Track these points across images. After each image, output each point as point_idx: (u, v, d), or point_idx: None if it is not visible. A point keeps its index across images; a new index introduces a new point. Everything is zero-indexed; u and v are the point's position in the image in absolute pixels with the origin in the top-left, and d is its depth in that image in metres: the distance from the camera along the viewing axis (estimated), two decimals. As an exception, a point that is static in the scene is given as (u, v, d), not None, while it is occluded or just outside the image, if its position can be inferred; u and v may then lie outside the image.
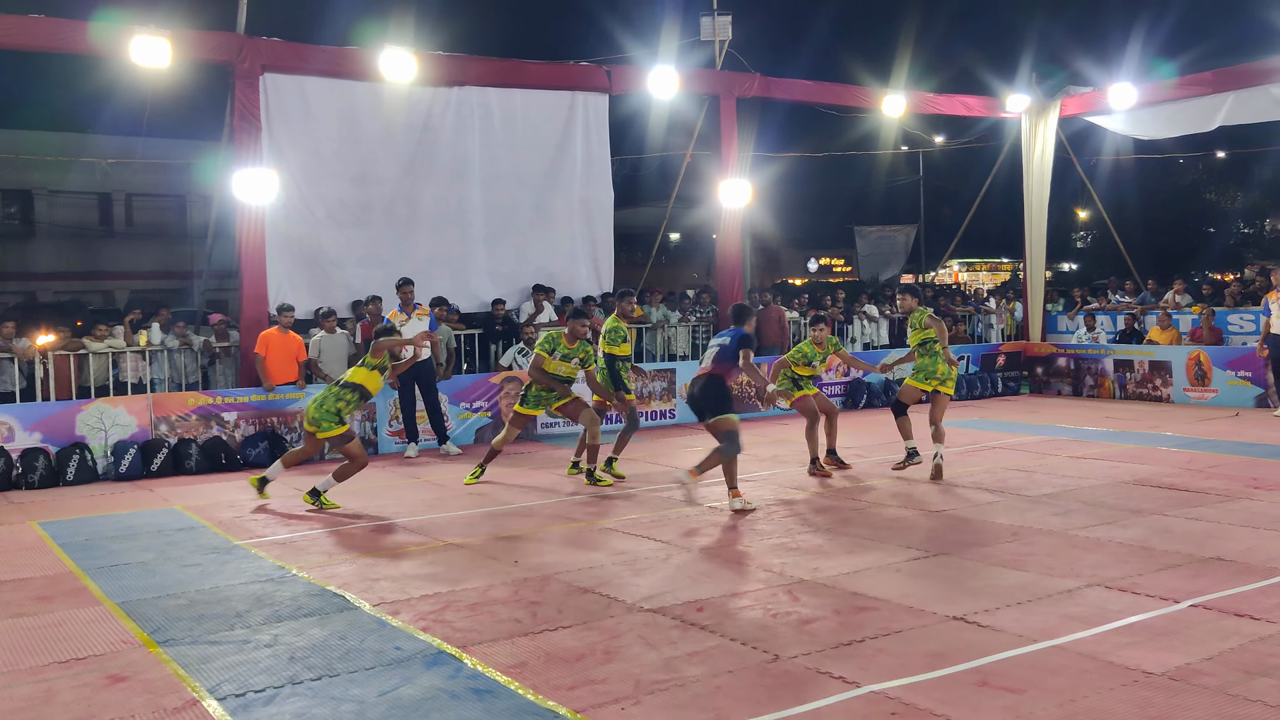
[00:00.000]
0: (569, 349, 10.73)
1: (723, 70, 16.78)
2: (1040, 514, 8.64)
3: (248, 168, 13.36)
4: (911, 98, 18.38)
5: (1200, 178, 48.08)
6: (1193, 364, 16.31)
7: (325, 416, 9.70)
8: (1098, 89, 18.83)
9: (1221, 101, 17.12)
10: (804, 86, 17.84)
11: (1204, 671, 5.02)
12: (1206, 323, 16.90)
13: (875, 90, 18.28)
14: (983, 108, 19.49)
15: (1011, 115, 19.41)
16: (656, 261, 19.67)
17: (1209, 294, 19.05)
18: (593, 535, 8.45)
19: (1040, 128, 19.20)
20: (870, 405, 16.99)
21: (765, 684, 5.07)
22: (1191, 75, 17.65)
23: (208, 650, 5.84)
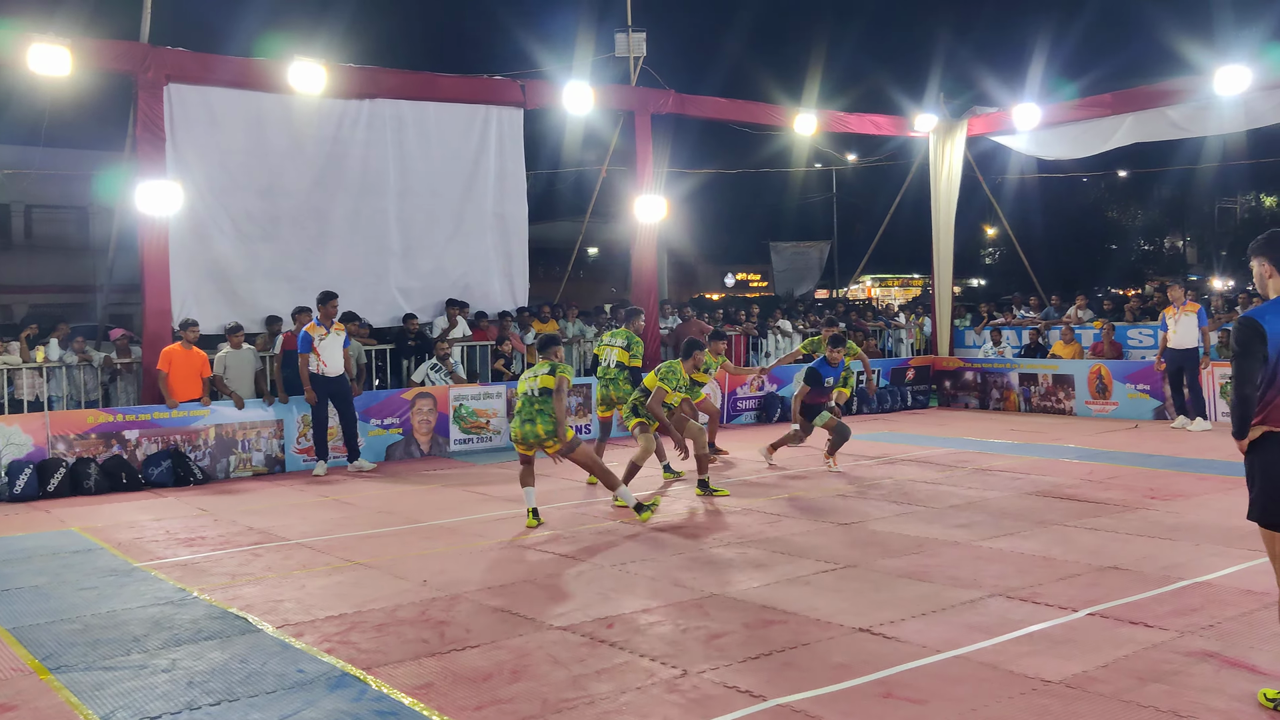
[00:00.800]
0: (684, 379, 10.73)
1: (638, 86, 16.86)
2: (946, 525, 8.79)
3: (151, 179, 13.05)
4: (823, 116, 18.66)
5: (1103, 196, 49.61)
6: (1094, 378, 16.76)
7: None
8: (1003, 109, 19.31)
9: (1120, 122, 17.67)
10: (718, 104, 18.01)
11: (1099, 679, 5.15)
12: (1107, 337, 17.39)
13: (788, 108, 18.53)
14: (892, 127, 19.85)
15: (920, 135, 19.81)
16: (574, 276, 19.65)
17: (1110, 309, 19.61)
18: (503, 553, 8.38)
19: (947, 147, 19.62)
20: (785, 419, 17.13)
21: (673, 699, 5.07)
22: (1092, 97, 18.19)
23: (102, 676, 5.66)
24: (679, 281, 43.26)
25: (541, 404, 9.28)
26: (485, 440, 14.63)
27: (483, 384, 14.87)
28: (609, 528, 9.22)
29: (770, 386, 17.39)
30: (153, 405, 12.61)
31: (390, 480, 12.35)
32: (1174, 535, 8.17)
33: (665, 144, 18.95)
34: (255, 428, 13.01)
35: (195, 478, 12.31)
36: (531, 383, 9.43)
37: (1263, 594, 6.43)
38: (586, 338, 17.25)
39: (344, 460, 13.17)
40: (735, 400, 17.10)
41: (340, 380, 12.83)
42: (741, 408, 17.18)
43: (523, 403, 9.41)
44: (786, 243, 43.66)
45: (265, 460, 13.08)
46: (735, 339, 18.29)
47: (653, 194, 17.07)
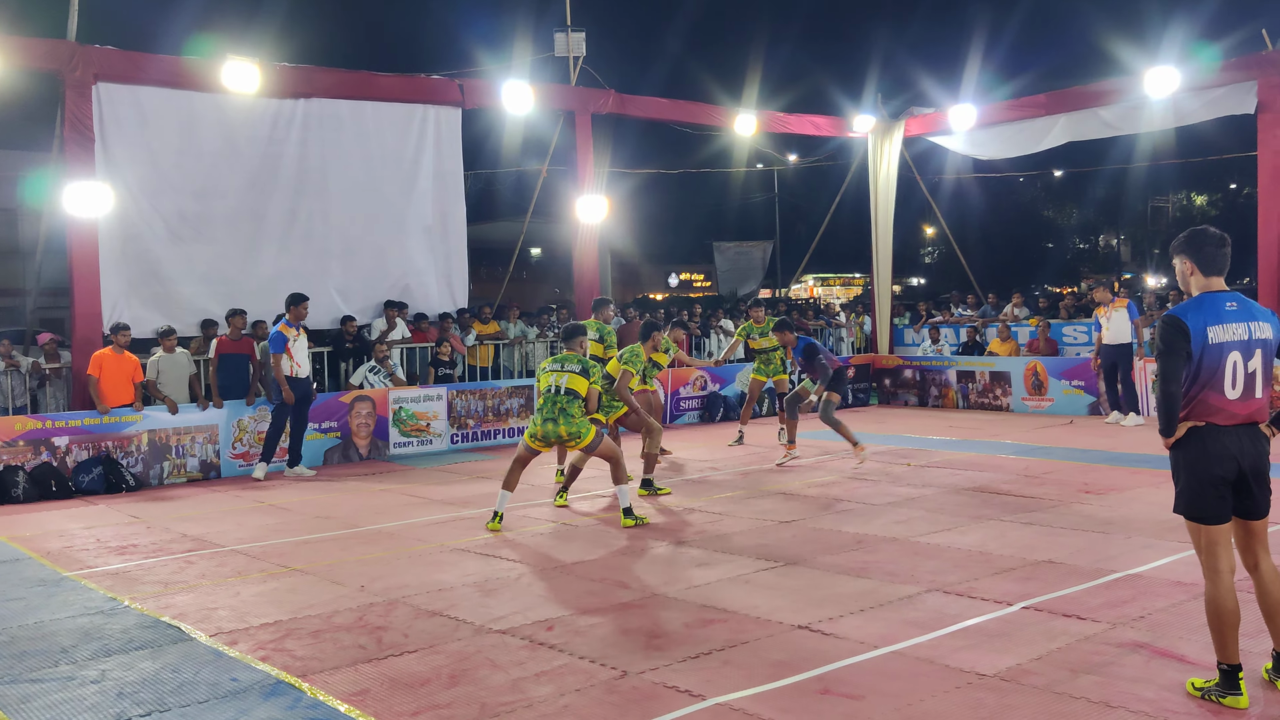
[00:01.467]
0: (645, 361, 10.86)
1: (577, 86, 16.83)
2: (884, 522, 8.86)
3: (79, 180, 12.79)
4: (763, 117, 18.75)
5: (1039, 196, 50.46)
6: (1030, 374, 17.01)
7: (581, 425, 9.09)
8: (940, 110, 19.54)
9: (1054, 122, 17.95)
10: (658, 104, 18.03)
11: (1033, 671, 5.21)
12: (1043, 334, 17.66)
13: (728, 109, 18.59)
14: (831, 127, 20.01)
15: (858, 135, 19.98)
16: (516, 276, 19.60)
17: (1045, 307, 19.92)
18: (443, 557, 8.31)
19: (885, 147, 19.81)
20: (727, 418, 17.19)
21: (612, 700, 5.05)
22: (1027, 97, 18.46)
23: (28, 689, 5.51)
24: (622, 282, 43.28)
25: (565, 403, 9.04)
26: (426, 443, 14.50)
27: (422, 386, 14.73)
28: (550, 530, 9.18)
29: (713, 386, 17.43)
30: (83, 411, 12.34)
31: (328, 485, 12.20)
32: (1107, 529, 8.30)
33: (606, 144, 18.94)
34: (189, 433, 12.78)
35: (128, 484, 12.07)
36: (558, 378, 9.14)
37: (1191, 585, 6.55)
38: (528, 339, 17.18)
39: (282, 465, 12.98)
40: (678, 400, 17.12)
41: (308, 382, 12.74)
42: (685, 407, 17.20)
43: (545, 400, 9.15)
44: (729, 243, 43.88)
45: (200, 466, 12.86)
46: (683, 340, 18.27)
47: (594, 194, 17.05)
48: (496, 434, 15.18)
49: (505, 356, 16.76)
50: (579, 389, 9.12)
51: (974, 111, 18.54)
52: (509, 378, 16.36)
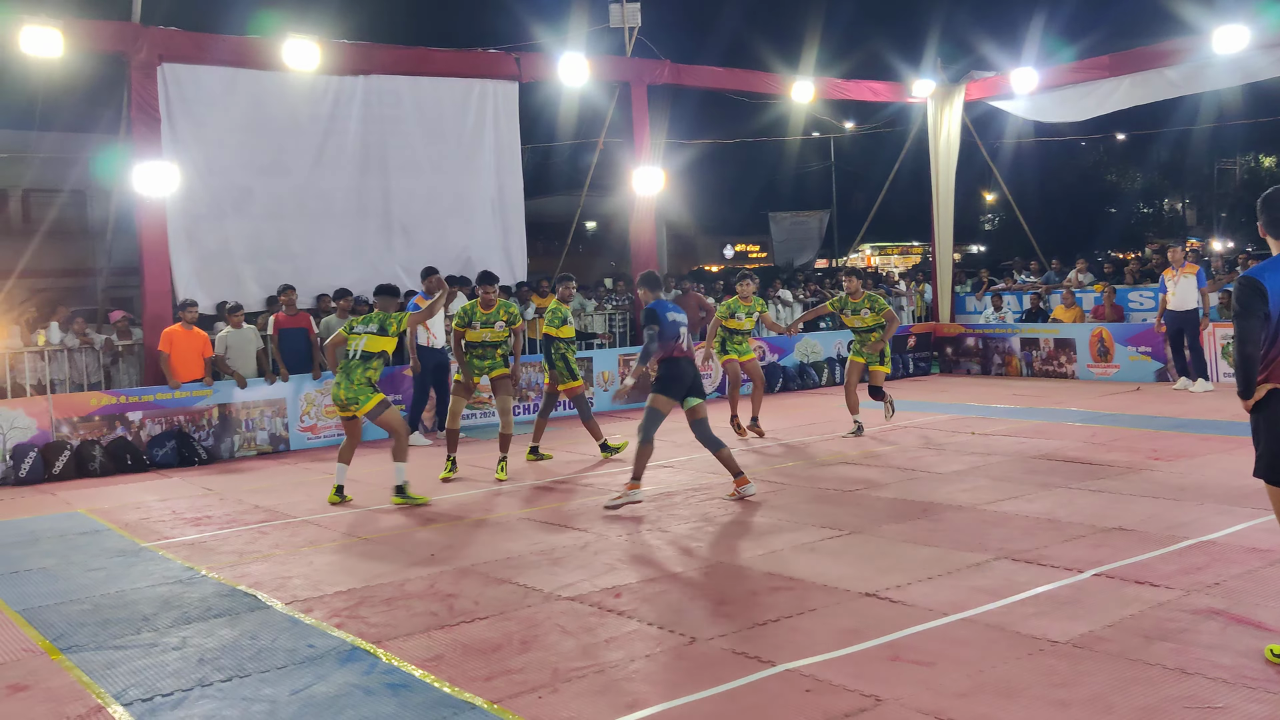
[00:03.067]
0: (486, 314, 10.60)
1: (633, 58, 16.77)
2: (950, 490, 8.81)
3: (147, 161, 13.01)
4: (820, 84, 18.56)
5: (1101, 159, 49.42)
6: (1095, 341, 16.75)
7: (361, 390, 9.30)
8: (1000, 73, 19.20)
9: (1118, 84, 17.57)
10: (714, 73, 17.92)
11: (1106, 638, 5.17)
12: (1108, 300, 17.37)
13: (785, 76, 18.43)
14: (889, 93, 19.75)
15: (918, 100, 19.71)
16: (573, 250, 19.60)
17: (1110, 272, 19.58)
18: (510, 526, 8.40)
19: (945, 112, 19.53)
20: (786, 389, 17.15)
21: (682, 666, 5.09)
22: (1090, 59, 18.08)
23: (113, 655, 5.69)
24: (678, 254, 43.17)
25: (355, 366, 9.33)
26: (488, 415, 14.63)
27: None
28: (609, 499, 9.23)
29: (771, 356, 17.38)
30: (155, 386, 12.61)
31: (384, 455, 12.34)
32: (1178, 495, 8.19)
33: (662, 115, 18.86)
34: (258, 407, 13.02)
35: (200, 458, 12.34)
36: (355, 341, 9.46)
37: (1268, 551, 6.45)
38: (586, 311, 17.24)
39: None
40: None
41: (443, 352, 13.11)
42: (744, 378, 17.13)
43: (343, 363, 9.45)
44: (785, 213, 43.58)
45: (269, 439, 13.10)
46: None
47: (650, 166, 17.01)
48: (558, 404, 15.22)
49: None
50: (374, 348, 9.33)
51: (1036, 75, 18.20)
52: (568, 350, 16.40)
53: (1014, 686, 4.66)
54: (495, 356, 10.70)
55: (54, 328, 13.41)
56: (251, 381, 13.01)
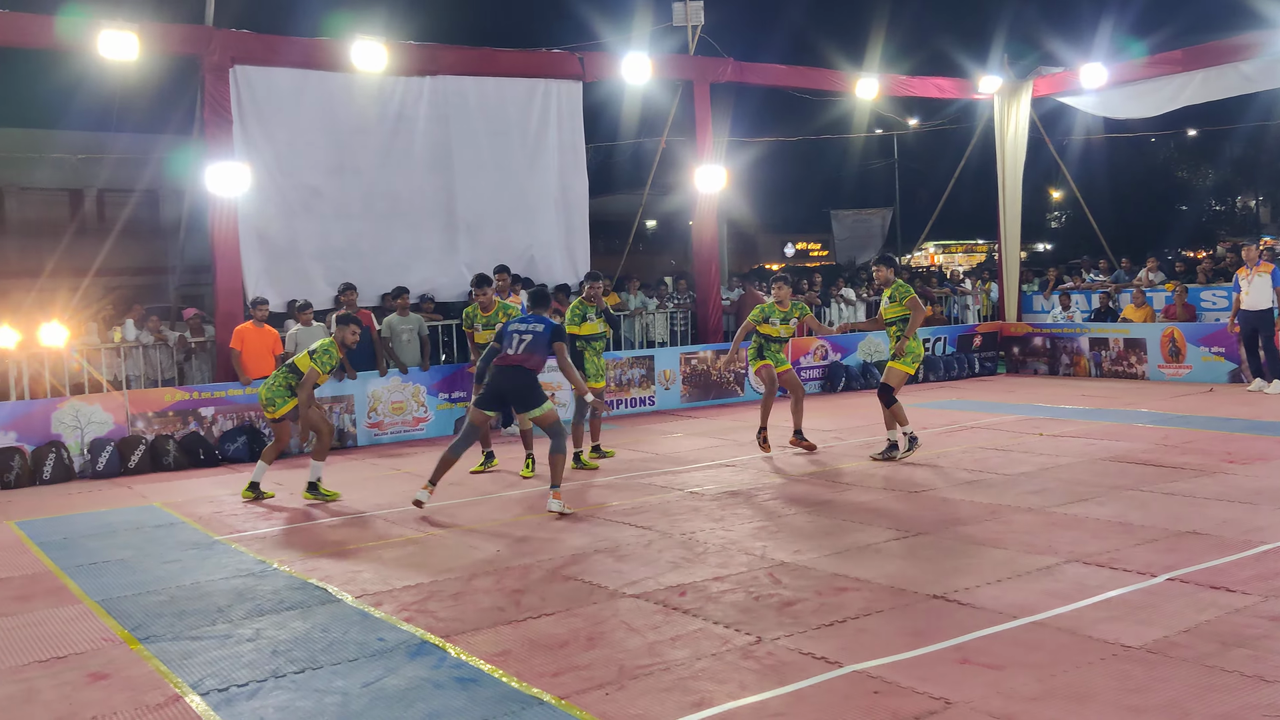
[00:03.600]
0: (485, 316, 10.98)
1: (696, 56, 16.76)
2: (1018, 492, 8.70)
3: (219, 161, 13.27)
4: (884, 80, 18.41)
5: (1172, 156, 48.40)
6: (1167, 341, 16.44)
7: (277, 394, 9.75)
8: (1069, 69, 18.90)
9: (1190, 79, 17.23)
10: (777, 71, 17.84)
11: (1181, 644, 5.08)
12: (1180, 300, 17.04)
13: (848, 73, 18.31)
14: (955, 89, 19.55)
15: (984, 96, 19.47)
16: (633, 249, 19.64)
17: (1182, 271, 19.22)
18: (574, 523, 8.45)
19: (1013, 109, 19.27)
20: (849, 388, 17.05)
21: (749, 666, 5.09)
22: (1161, 54, 17.75)
23: (189, 646, 5.82)
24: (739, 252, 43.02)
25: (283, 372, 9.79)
26: (551, 413, 14.71)
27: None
28: (676, 499, 9.26)
29: (834, 355, 17.29)
30: (227, 383, 12.87)
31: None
32: (1254, 499, 8.01)
33: (725, 113, 18.86)
34: (326, 403, 13.22)
35: (269, 453, 12.54)
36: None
37: (1349, 558, 6.30)
38: (648, 309, 17.28)
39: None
40: (800, 370, 17.02)
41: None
42: (806, 377, 17.10)
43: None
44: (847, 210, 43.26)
45: (337, 435, 13.29)
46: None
47: (712, 164, 17.00)
48: (619, 404, 15.32)
49: (626, 328, 16.89)
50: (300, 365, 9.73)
51: (1105, 70, 17.89)
52: (629, 348, 16.49)
53: (1086, 691, 4.60)
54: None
55: (129, 325, 13.76)
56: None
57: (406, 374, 13.59)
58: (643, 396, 15.54)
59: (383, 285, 14.56)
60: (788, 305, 11.23)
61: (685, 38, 16.87)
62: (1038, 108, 19.48)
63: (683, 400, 15.90)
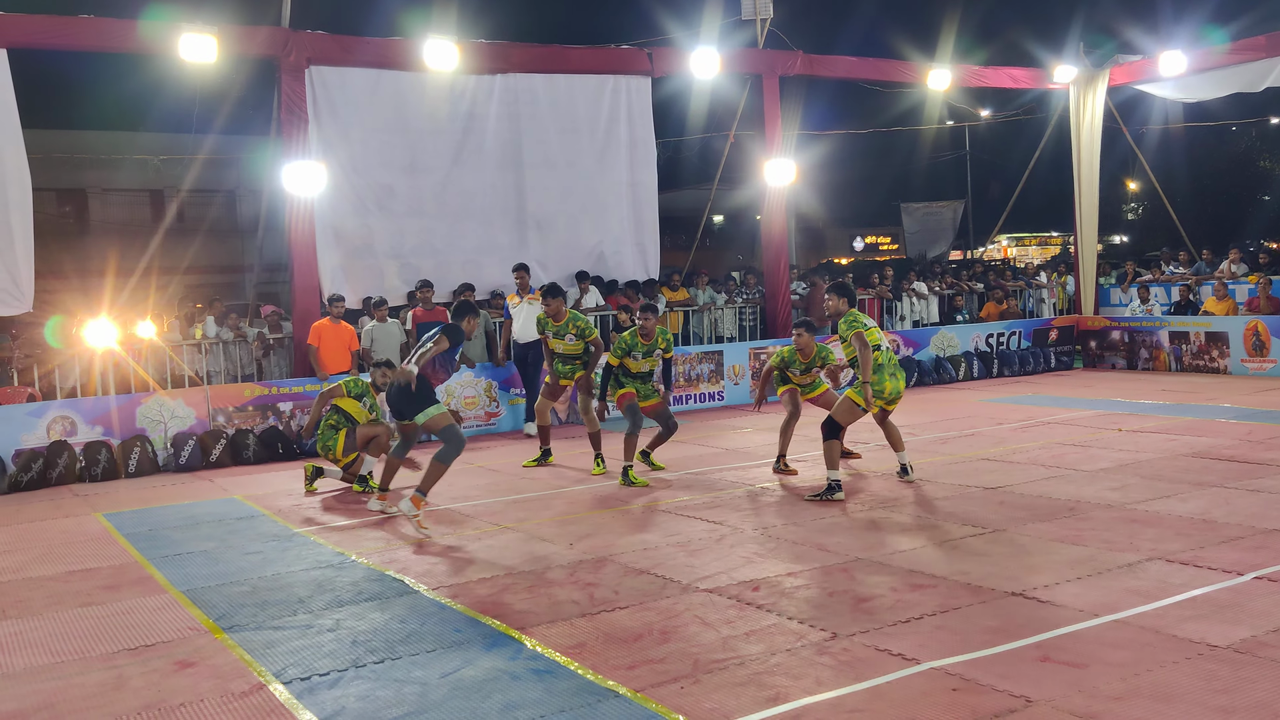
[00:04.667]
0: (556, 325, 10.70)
1: (765, 49, 16.68)
2: (1098, 488, 8.55)
3: (296, 160, 13.50)
4: (957, 71, 18.17)
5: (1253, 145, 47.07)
6: (1250, 334, 16.02)
7: (325, 437, 10.30)
8: (1147, 57, 18.51)
9: (1274, 65, 16.77)
10: (847, 63, 17.69)
11: (1270, 644, 4.96)
12: (1264, 292, 16.59)
13: (920, 65, 18.09)
14: (1030, 79, 19.22)
15: (1059, 86, 19.14)
16: (701, 244, 19.60)
17: (1266, 263, 18.70)
18: (645, 518, 8.48)
19: (1089, 98, 18.90)
20: (921, 383, 16.84)
21: (824, 662, 5.07)
22: (1244, 40, 17.30)
23: (272, 635, 5.94)
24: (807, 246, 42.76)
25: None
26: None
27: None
28: (745, 494, 9.24)
29: (906, 350, 17.11)
30: (305, 378, 13.10)
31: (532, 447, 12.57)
32: (1345, 497, 7.79)
33: (794, 106, 18.72)
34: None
35: (345, 447, 12.75)
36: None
37: None
38: (717, 304, 17.25)
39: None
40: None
41: (526, 346, 13.50)
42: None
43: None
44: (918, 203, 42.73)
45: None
46: (869, 302, 18.05)
47: (782, 158, 16.91)
48: (689, 399, 15.32)
49: (695, 323, 16.88)
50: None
51: (1184, 58, 17.48)
52: (698, 343, 16.48)
53: (1172, 691, 4.51)
54: (576, 363, 10.85)
55: (210, 322, 14.06)
56: (393, 374, 13.38)
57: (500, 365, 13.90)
58: (712, 391, 15.52)
59: (455, 282, 14.73)
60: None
61: (754, 31, 16.79)
62: (1114, 97, 19.10)
63: (751, 395, 15.84)
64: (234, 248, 26.89)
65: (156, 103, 19.83)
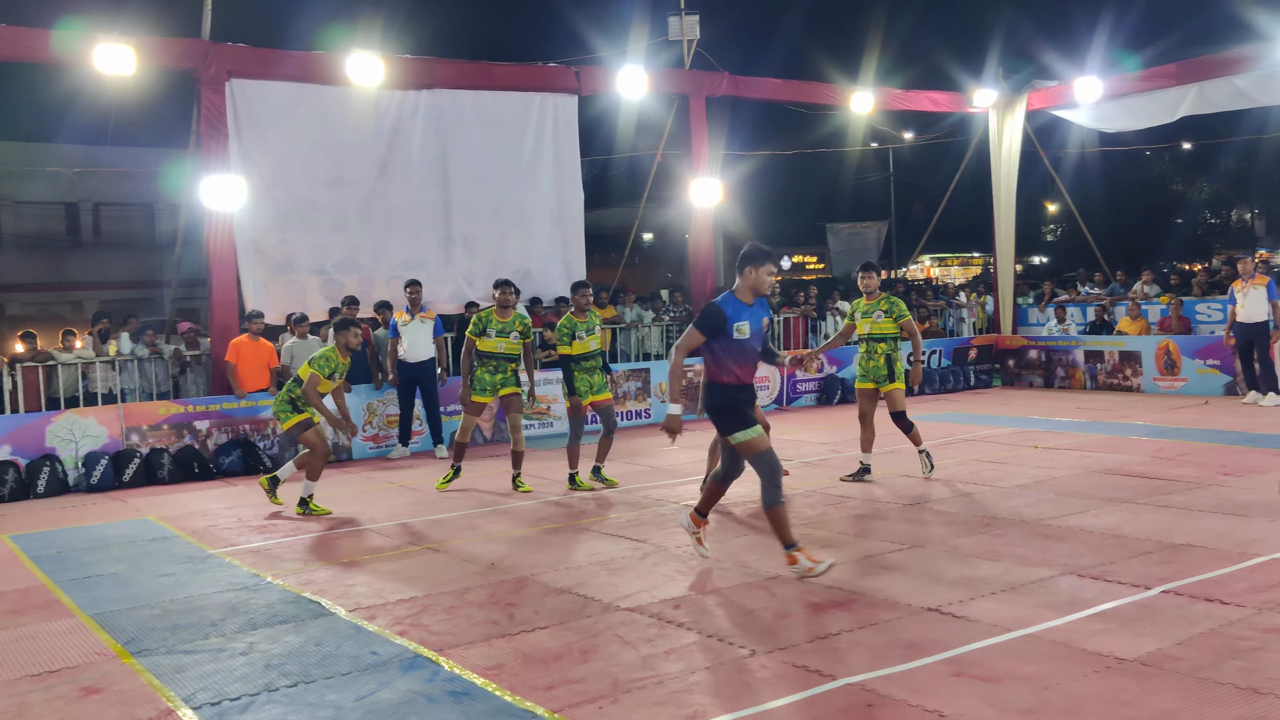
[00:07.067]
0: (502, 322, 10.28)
1: (691, 70, 16.82)
2: (1013, 505, 8.70)
3: (215, 174, 13.28)
4: (880, 94, 18.48)
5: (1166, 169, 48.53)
6: (1162, 353, 16.47)
7: (280, 407, 9.97)
8: (1063, 83, 18.99)
9: (1185, 93, 17.31)
10: (772, 85, 17.90)
11: (1175, 656, 5.08)
12: (1175, 312, 17.07)
13: (844, 87, 18.37)
14: (950, 103, 19.62)
15: (979, 110, 19.56)
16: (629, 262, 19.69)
17: (1177, 284, 19.25)
18: (569, 537, 8.44)
19: (1007, 122, 19.34)
20: (845, 400, 17.04)
21: (743, 679, 5.08)
22: (1156, 68, 17.83)
23: (182, 660, 5.80)
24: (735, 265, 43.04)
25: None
26: (546, 425, 14.72)
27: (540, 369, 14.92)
28: (671, 512, 9.25)
29: (830, 368, 17.30)
30: (222, 396, 12.85)
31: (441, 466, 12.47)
32: (1248, 511, 8.02)
33: (720, 127, 18.92)
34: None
35: (265, 466, 12.54)
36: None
37: (1343, 570, 6.30)
38: (644, 322, 17.29)
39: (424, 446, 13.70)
40: (795, 383, 17.04)
41: (428, 367, 13.23)
42: (801, 390, 17.12)
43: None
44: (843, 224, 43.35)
45: (333, 448, 13.26)
46: (794, 320, 18.22)
47: (708, 177, 17.04)
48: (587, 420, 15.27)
49: (622, 340, 16.89)
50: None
51: (1099, 84, 17.98)
52: (625, 361, 16.49)
53: (1080, 704, 4.59)
54: (509, 371, 10.39)
55: (125, 338, 13.74)
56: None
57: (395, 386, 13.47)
58: (638, 409, 15.54)
59: (379, 298, 14.57)
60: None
61: (681, 52, 16.93)
62: (1032, 121, 19.56)
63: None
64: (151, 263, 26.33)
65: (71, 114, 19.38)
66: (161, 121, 20.32)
